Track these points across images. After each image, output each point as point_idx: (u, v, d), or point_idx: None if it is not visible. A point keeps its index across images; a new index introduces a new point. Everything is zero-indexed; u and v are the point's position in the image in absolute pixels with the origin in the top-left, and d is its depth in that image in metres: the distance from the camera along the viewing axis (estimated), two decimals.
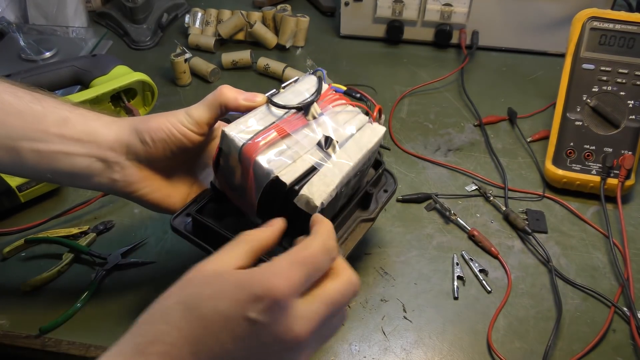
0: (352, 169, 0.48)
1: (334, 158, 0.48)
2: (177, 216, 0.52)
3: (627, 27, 0.75)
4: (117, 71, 0.82)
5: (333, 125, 0.50)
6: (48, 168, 0.49)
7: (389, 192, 0.60)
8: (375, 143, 0.52)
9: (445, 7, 1.00)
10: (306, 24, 1.02)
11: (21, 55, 0.97)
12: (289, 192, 0.45)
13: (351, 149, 0.49)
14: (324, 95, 0.52)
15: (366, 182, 0.57)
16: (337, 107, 0.53)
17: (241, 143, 0.46)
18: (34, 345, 0.58)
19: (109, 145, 0.50)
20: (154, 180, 0.52)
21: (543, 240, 0.69)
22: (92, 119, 0.51)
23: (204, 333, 0.34)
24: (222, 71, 0.99)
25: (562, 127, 0.77)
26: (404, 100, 0.94)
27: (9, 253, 0.66)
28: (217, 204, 0.53)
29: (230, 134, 0.46)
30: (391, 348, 0.59)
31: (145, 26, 1.07)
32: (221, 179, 0.51)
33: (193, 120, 0.50)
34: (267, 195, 0.46)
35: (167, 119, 0.50)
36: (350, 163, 0.48)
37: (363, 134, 0.52)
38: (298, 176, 0.45)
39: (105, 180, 0.51)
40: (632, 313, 0.61)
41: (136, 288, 0.63)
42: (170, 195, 0.54)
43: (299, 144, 0.47)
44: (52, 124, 0.48)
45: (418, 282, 0.65)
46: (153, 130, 0.50)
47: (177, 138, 0.50)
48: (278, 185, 0.44)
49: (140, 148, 0.50)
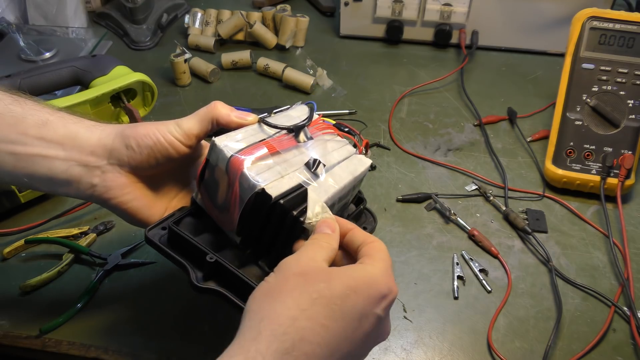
0: (338, 192, 0.48)
1: (320, 179, 0.47)
2: (153, 228, 0.50)
3: (626, 27, 0.75)
4: (117, 71, 0.82)
5: (321, 150, 0.50)
6: (25, 172, 0.47)
7: (368, 229, 0.59)
8: (361, 172, 0.52)
9: (445, 7, 1.00)
10: (306, 24, 1.02)
11: (21, 55, 0.97)
12: (273, 205, 0.44)
13: (338, 174, 0.49)
14: (314, 123, 0.53)
15: (347, 216, 0.57)
16: (327, 135, 0.53)
17: (230, 154, 0.45)
18: (34, 346, 0.58)
19: (90, 149, 0.49)
20: (134, 188, 0.51)
21: (543, 240, 0.69)
22: (73, 122, 0.50)
23: (345, 331, 0.37)
24: (221, 71, 0.99)
25: (562, 127, 0.77)
26: (403, 100, 0.94)
27: (9, 253, 0.66)
28: (195, 219, 0.51)
29: (220, 145, 0.46)
30: (391, 348, 0.59)
31: (145, 26, 1.07)
32: (203, 193, 0.50)
33: (182, 130, 0.49)
34: (251, 209, 0.45)
35: (156, 127, 0.49)
36: (337, 186, 0.48)
37: (350, 162, 0.52)
38: (284, 191, 0.44)
39: (84, 186, 0.49)
40: (632, 312, 0.61)
41: (136, 288, 0.63)
42: (150, 207, 0.52)
43: (288, 162, 0.47)
44: (31, 126, 0.47)
45: (418, 282, 0.65)
46: (140, 137, 0.49)
47: (164, 146, 0.49)
48: (263, 197, 0.44)
49: (124, 153, 0.49)
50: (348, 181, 0.49)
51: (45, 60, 0.97)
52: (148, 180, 0.52)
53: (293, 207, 0.44)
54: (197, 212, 0.51)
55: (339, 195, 0.49)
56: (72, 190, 0.49)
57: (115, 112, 0.83)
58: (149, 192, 0.52)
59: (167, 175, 0.54)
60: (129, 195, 0.50)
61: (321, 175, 0.48)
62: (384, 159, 0.82)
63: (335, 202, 0.49)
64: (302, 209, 0.44)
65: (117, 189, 0.50)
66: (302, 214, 0.44)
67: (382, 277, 0.39)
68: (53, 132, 0.48)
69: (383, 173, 0.79)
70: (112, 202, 0.50)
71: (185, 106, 0.92)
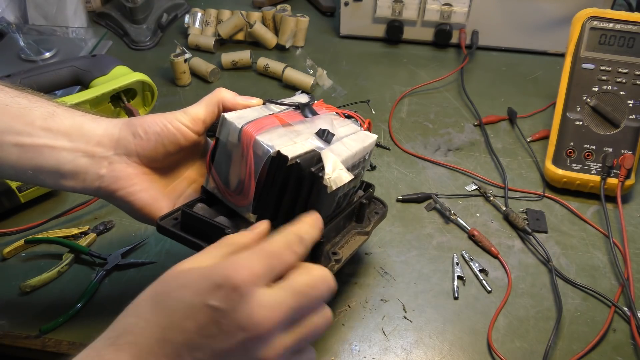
0: (351, 158, 0.48)
1: (332, 146, 0.48)
2: (165, 218, 0.49)
3: (627, 27, 0.75)
4: (116, 71, 0.82)
5: (329, 125, 0.51)
6: (30, 164, 0.47)
7: (380, 214, 0.60)
8: (370, 143, 0.53)
9: (445, 7, 1.00)
10: (306, 24, 1.02)
11: (21, 55, 0.97)
12: (289, 168, 0.44)
13: (348, 143, 0.50)
14: (317, 105, 0.54)
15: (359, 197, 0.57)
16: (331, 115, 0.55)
17: (241, 125, 0.46)
18: (34, 346, 0.58)
19: (97, 139, 0.48)
20: (142, 179, 0.50)
21: (543, 240, 0.69)
22: (79, 115, 0.50)
23: (170, 322, 0.35)
24: (221, 71, 0.99)
25: (562, 127, 0.77)
26: (403, 100, 0.94)
27: (9, 253, 0.66)
28: (207, 206, 0.51)
29: (230, 118, 0.47)
30: (391, 348, 0.59)
31: (145, 26, 1.07)
32: (215, 175, 0.50)
33: (189, 117, 0.50)
34: (267, 176, 0.45)
35: (163, 115, 0.50)
36: (349, 151, 0.48)
37: (358, 136, 0.53)
38: (299, 153, 0.44)
39: (91, 177, 0.48)
40: (632, 312, 0.61)
41: (136, 288, 0.62)
42: (157, 200, 0.51)
43: (298, 132, 0.48)
44: (37, 117, 0.47)
45: (418, 282, 0.65)
46: (147, 124, 0.49)
47: (171, 132, 0.49)
48: (279, 161, 0.44)
49: (132, 141, 0.49)
50: (359, 148, 0.50)
51: (45, 60, 0.97)
52: (156, 173, 0.52)
53: (310, 166, 0.44)
54: (209, 200, 0.51)
55: (351, 162, 0.49)
56: (78, 183, 0.49)
57: (115, 112, 0.83)
58: (157, 185, 0.52)
59: (175, 170, 0.54)
60: (137, 186, 0.50)
61: (333, 143, 0.48)
62: (384, 159, 0.82)
63: (348, 167, 0.49)
64: (321, 166, 0.44)
65: (125, 180, 0.49)
66: (321, 170, 0.44)
67: (225, 267, 0.35)
68: (60, 123, 0.48)
69: (383, 173, 0.79)
70: (119, 194, 0.49)
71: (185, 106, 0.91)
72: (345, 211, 0.54)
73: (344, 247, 0.53)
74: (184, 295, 0.36)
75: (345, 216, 0.54)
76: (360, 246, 0.55)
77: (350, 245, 0.54)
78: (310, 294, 0.37)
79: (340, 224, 0.54)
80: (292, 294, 0.36)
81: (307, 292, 0.37)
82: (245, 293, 0.35)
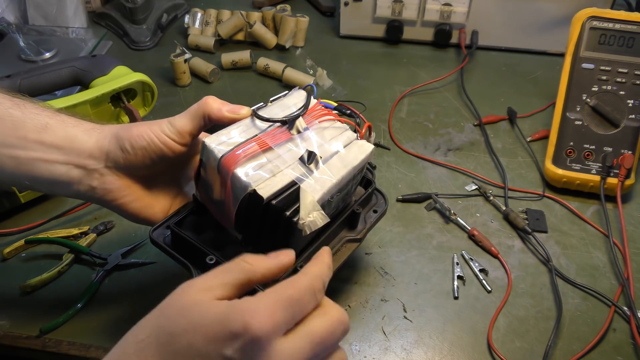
0: (335, 186, 0.47)
1: (316, 174, 0.46)
2: (157, 228, 0.50)
3: (626, 27, 0.75)
4: (116, 72, 0.82)
5: (318, 140, 0.49)
6: (26, 175, 0.48)
7: (378, 213, 0.58)
8: (362, 160, 0.50)
9: (445, 7, 1.00)
10: (306, 24, 1.02)
11: (21, 56, 0.97)
12: (266, 206, 0.43)
13: (335, 166, 0.48)
14: (311, 110, 0.51)
15: (354, 201, 0.56)
16: (325, 122, 0.51)
17: (220, 154, 0.45)
18: (34, 346, 0.58)
19: (88, 152, 0.49)
20: (133, 189, 0.51)
21: (543, 239, 0.69)
22: (72, 125, 0.50)
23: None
24: (221, 71, 0.99)
25: (562, 127, 0.77)
26: (403, 100, 0.94)
27: (9, 254, 0.66)
28: (198, 217, 0.52)
29: (210, 145, 0.45)
30: (391, 348, 0.59)
31: (145, 27, 1.07)
32: (202, 191, 0.50)
33: (175, 129, 0.49)
34: (245, 209, 0.45)
35: (150, 127, 0.49)
36: (333, 180, 0.46)
37: (349, 151, 0.50)
38: (276, 190, 0.44)
39: (84, 188, 0.49)
40: (632, 312, 0.61)
41: (136, 288, 0.63)
42: (151, 206, 0.52)
43: (281, 158, 0.46)
44: (31, 130, 0.47)
45: (418, 282, 0.65)
46: (134, 138, 0.49)
47: (158, 147, 0.49)
48: (255, 199, 0.43)
49: (120, 155, 0.49)
50: (346, 172, 0.48)
51: (45, 60, 0.97)
52: (146, 181, 0.52)
53: (286, 206, 0.44)
54: (199, 209, 0.51)
55: (337, 188, 0.48)
56: (73, 192, 0.50)
57: (115, 112, 0.83)
58: (149, 193, 0.53)
59: (166, 174, 0.54)
60: (129, 197, 0.51)
61: (316, 170, 0.47)
62: (384, 159, 0.82)
63: (333, 194, 0.48)
64: (296, 209, 0.44)
65: (116, 192, 0.50)
66: (295, 213, 0.44)
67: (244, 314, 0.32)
68: (53, 136, 0.48)
69: (383, 173, 0.79)
70: (113, 204, 0.51)
71: (185, 106, 0.90)
72: (337, 220, 0.53)
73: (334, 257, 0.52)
74: (196, 341, 0.33)
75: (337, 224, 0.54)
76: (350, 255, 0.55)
77: (339, 256, 0.53)
78: (328, 341, 0.36)
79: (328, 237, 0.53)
80: (310, 343, 0.35)
81: (325, 339, 0.36)
82: (264, 345, 0.32)
